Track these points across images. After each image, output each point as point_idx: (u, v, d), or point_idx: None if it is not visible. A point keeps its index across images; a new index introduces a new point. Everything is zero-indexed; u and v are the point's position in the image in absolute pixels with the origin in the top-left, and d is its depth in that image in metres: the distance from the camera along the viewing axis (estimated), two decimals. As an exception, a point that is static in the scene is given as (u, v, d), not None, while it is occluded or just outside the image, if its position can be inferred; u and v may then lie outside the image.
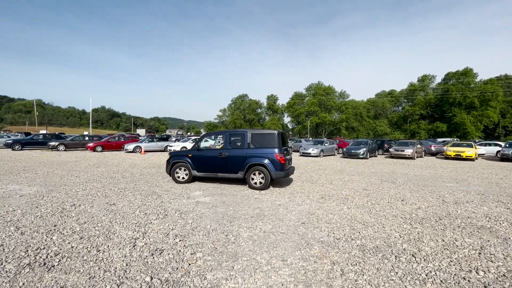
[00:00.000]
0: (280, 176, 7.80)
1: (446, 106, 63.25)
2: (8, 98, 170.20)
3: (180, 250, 3.60)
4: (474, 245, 3.91)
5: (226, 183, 8.58)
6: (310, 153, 19.95)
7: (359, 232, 4.38)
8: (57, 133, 38.61)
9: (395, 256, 3.51)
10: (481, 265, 3.30)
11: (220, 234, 4.22)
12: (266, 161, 7.64)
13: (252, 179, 7.78)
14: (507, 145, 19.97)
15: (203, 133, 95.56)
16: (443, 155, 22.28)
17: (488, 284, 2.87)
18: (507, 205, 6.28)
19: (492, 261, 3.40)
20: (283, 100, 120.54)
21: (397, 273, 3.09)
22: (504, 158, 18.61)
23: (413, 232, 4.41)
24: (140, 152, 21.94)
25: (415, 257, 3.48)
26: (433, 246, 3.85)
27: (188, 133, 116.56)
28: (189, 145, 22.55)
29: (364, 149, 18.82)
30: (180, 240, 3.93)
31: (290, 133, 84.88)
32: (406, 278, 2.99)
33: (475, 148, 19.57)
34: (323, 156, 20.64)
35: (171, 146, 22.73)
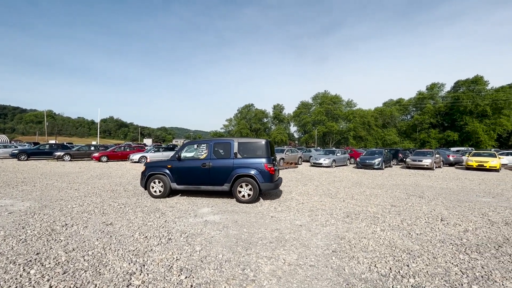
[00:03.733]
0: (269, 188, 7.24)
1: (457, 115, 61.71)
2: (21, 109, 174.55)
3: (186, 293, 2.81)
4: None
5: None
6: (321, 163, 19.03)
7: (408, 266, 3.52)
8: (65, 143, 38.62)
9: (470, 306, 2.65)
10: None
11: (235, 267, 3.42)
12: (255, 172, 7.10)
13: (239, 191, 7.17)
14: (533, 155, 18.74)
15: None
16: (462, 165, 21.10)
17: None
18: None
19: None
20: (289, 109, 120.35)
21: (485, 336, 2.24)
22: (531, 169, 17.36)
23: (476, 266, 3.52)
24: (146, 162, 21.39)
25: (498, 308, 2.62)
26: (513, 289, 2.97)
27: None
28: (195, 155, 21.91)
29: (380, 159, 17.83)
30: (186, 277, 3.14)
31: (297, 142, 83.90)
32: None
33: (499, 158, 18.37)
34: (335, 166, 19.69)
35: (177, 156, 22.16)
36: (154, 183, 7.71)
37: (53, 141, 59.91)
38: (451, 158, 21.85)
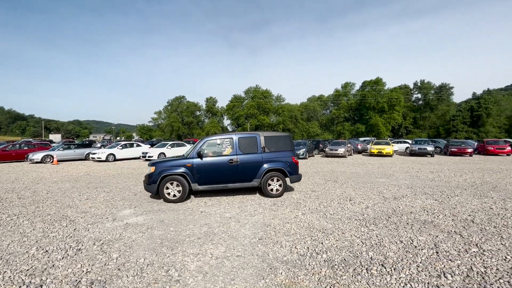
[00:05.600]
0: (297, 179, 7.52)
1: (364, 110, 72.91)
2: None
3: (97, 309, 2.49)
4: (429, 243, 3.94)
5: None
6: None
7: (322, 243, 3.98)
8: None
9: (366, 269, 3.18)
10: (444, 266, 3.24)
11: (158, 270, 3.21)
12: (284, 165, 7.23)
13: (269, 185, 7.10)
14: (414, 143, 23.84)
15: (136, 137, 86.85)
16: (368, 152, 25.12)
17: (460, 290, 2.75)
18: (433, 197, 6.97)
19: (451, 260, 3.40)
20: (222, 102, 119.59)
21: (375, 292, 2.72)
22: (412, 153, 22.05)
23: (372, 236, 4.25)
24: (52, 162, 17.98)
25: (385, 267, 3.22)
26: (396, 250, 3.70)
27: (118, 138, 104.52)
28: (117, 151, 19.59)
29: (304, 149, 19.61)
30: (98, 290, 2.78)
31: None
32: (386, 297, 2.63)
33: (392, 145, 22.64)
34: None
35: (94, 153, 19.34)
36: (171, 184, 6.64)
37: None
38: (359, 147, 25.79)
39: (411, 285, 2.84)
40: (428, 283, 2.88)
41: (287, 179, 7.36)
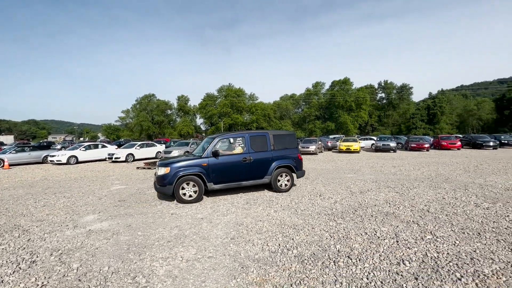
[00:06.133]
0: (302, 175, 8.02)
1: (333, 109, 75.96)
2: None
3: (53, 324, 2.30)
4: (390, 233, 4.22)
5: (132, 198, 7.00)
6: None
7: (293, 239, 4.08)
8: None
9: (334, 262, 3.32)
10: (403, 254, 3.49)
11: (124, 277, 3.05)
12: (291, 162, 7.65)
13: (278, 181, 7.46)
14: (378, 139, 25.38)
15: (101, 137, 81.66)
16: (337, 149, 26.22)
17: (417, 274, 2.98)
18: (395, 190, 7.48)
19: (409, 248, 3.67)
20: (194, 101, 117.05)
21: (342, 283, 2.85)
22: (377, 149, 23.46)
23: (340, 229, 4.45)
24: (3, 166, 16.27)
25: (351, 259, 3.38)
26: (361, 242, 3.91)
27: (81, 139, 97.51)
28: (80, 153, 18.26)
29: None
30: (55, 304, 2.57)
31: (203, 134, 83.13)
32: (351, 287, 2.77)
33: (359, 142, 23.88)
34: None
35: (53, 155, 17.81)
36: (188, 185, 6.48)
37: None
38: (329, 144, 26.83)
39: (374, 273, 3.02)
40: (389, 270, 3.08)
41: (294, 175, 7.79)
